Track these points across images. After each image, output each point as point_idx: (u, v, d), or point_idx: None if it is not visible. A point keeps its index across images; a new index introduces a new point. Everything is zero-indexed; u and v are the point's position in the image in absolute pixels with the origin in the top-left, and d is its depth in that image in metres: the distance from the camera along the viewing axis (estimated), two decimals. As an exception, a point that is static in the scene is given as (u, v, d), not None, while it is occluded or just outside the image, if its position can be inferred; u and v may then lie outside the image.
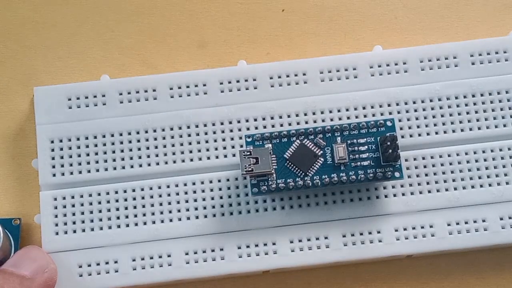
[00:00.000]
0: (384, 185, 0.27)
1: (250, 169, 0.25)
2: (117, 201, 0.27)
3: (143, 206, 0.27)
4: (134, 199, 0.27)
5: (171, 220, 0.27)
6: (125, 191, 0.27)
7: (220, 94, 0.28)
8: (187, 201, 0.27)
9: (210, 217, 0.27)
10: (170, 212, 0.27)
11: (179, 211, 0.27)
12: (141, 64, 0.30)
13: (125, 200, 0.27)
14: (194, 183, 0.27)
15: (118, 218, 0.27)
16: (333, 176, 0.25)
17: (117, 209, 0.27)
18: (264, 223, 0.27)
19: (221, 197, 0.27)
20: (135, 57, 0.30)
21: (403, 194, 0.27)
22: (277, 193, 0.26)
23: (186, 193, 0.27)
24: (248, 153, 0.25)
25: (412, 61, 0.28)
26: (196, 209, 0.27)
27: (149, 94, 0.28)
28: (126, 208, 0.27)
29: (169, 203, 0.27)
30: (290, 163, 0.26)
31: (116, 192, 0.27)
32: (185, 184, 0.27)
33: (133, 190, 0.27)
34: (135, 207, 0.27)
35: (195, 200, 0.27)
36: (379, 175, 0.25)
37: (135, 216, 0.27)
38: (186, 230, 0.27)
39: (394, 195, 0.27)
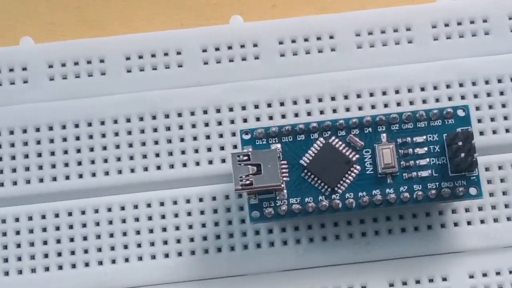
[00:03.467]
0: (453, 207, 0.27)
1: (247, 182, 0.25)
2: (44, 230, 0.27)
3: (85, 239, 0.27)
4: (71, 227, 0.27)
5: (127, 260, 0.27)
6: (56, 215, 0.27)
7: (203, 68, 0.28)
8: (151, 231, 0.27)
9: (187, 255, 0.27)
10: (125, 247, 0.27)
11: (139, 246, 0.27)
12: (81, 23, 0.30)
13: (57, 228, 0.27)
14: (162, 203, 0.27)
15: (45, 256, 0.27)
16: (375, 193, 0.25)
17: (45, 243, 0.27)
18: (269, 265, 0.27)
19: (203, 225, 0.27)
20: (72, 11, 0.30)
21: (482, 222, 0.27)
22: (290, 220, 0.26)
23: (150, 218, 0.27)
24: (245, 158, 0.25)
25: (497, 17, 0.28)
26: (165, 243, 0.27)
27: (94, 67, 0.28)
28: (58, 242, 0.27)
29: (125, 234, 0.27)
30: (309, 174, 0.26)
31: (44, 217, 0.27)
32: (149, 205, 0.27)
33: (70, 214, 0.27)
34: (71, 240, 0.27)
35: (164, 230, 0.27)
36: (445, 193, 0.25)
37: (72, 253, 0.27)
38: (150, 275, 0.27)
39: (469, 223, 0.27)
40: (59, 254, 0.27)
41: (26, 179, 0.27)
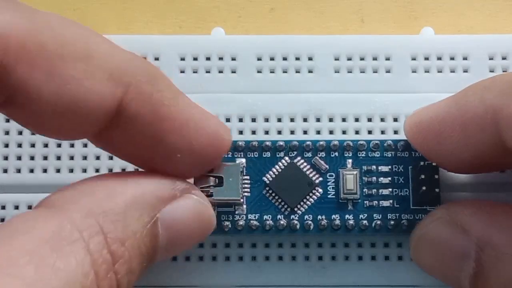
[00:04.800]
0: (412, 240, 0.27)
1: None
2: None
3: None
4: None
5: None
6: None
7: (180, 76, 0.28)
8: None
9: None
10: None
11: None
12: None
13: None
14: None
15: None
16: (335, 218, 0.26)
17: None
18: (222, 279, 0.27)
19: (161, 232, 0.26)
20: (70, 14, 0.30)
21: (440, 258, 0.27)
22: (247, 235, 0.26)
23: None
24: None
25: (477, 55, 0.28)
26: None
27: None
28: None
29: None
30: (271, 191, 0.26)
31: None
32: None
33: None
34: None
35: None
36: (404, 224, 0.25)
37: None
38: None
39: (427, 258, 0.27)
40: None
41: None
